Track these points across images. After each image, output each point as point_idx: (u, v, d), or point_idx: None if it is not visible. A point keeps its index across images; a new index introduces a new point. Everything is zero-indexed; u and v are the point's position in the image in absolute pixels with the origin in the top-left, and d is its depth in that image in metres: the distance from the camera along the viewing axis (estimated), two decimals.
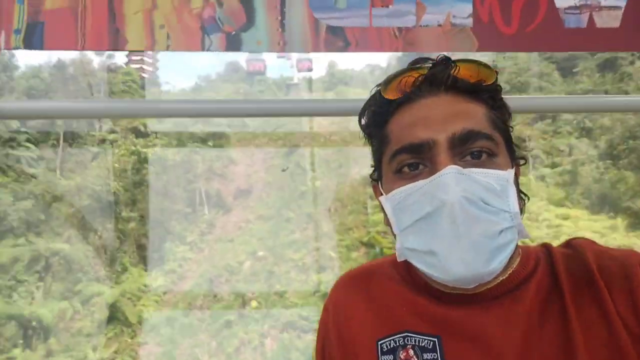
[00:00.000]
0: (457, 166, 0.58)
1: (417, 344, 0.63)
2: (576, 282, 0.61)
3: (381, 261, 0.79)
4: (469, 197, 0.57)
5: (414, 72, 0.64)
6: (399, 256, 0.67)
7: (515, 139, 0.69)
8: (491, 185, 0.59)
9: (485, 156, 0.60)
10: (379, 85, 0.69)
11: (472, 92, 0.63)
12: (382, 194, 0.68)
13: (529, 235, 0.64)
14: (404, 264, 0.73)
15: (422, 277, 0.68)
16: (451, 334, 0.62)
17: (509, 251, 0.59)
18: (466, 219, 0.56)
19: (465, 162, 0.59)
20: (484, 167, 0.60)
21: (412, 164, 0.62)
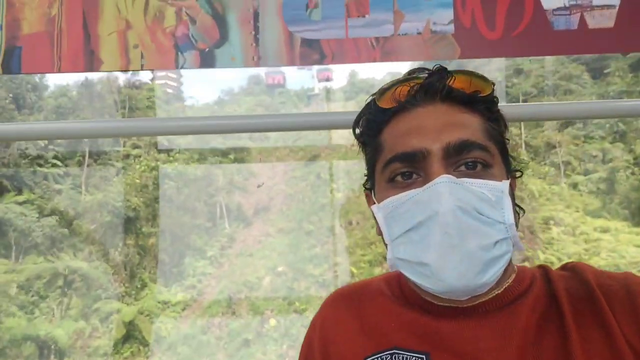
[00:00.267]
0: (451, 176, 0.58)
1: None
2: (576, 301, 0.61)
3: (374, 278, 0.79)
4: (462, 207, 0.56)
5: (410, 82, 0.65)
6: (391, 267, 0.67)
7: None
8: (485, 195, 0.58)
9: (480, 167, 0.60)
10: (374, 94, 0.70)
11: (468, 103, 0.64)
12: (374, 203, 0.68)
13: (523, 247, 0.63)
14: (397, 280, 0.74)
15: (414, 290, 0.68)
16: (442, 348, 0.61)
17: (503, 263, 0.59)
18: (460, 229, 0.56)
19: (459, 172, 0.59)
20: (479, 177, 0.60)
21: (405, 173, 0.62)
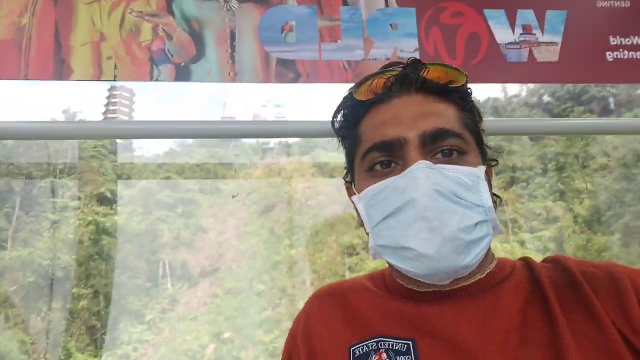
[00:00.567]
0: (428, 162, 0.60)
1: (390, 347, 0.63)
2: (560, 288, 0.63)
3: (358, 277, 0.80)
4: (440, 191, 0.58)
5: (385, 74, 0.68)
6: (373, 255, 0.68)
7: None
8: (462, 180, 0.61)
9: (455, 154, 0.63)
10: (351, 88, 0.72)
11: (442, 93, 0.67)
12: (354, 194, 0.70)
13: (503, 231, 0.66)
14: (381, 276, 0.75)
15: (397, 282, 0.70)
16: (427, 333, 0.62)
17: (484, 245, 0.61)
18: (439, 212, 0.58)
19: (436, 160, 0.62)
20: (455, 164, 0.62)
21: (384, 162, 0.64)
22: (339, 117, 0.76)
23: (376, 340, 0.64)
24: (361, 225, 0.71)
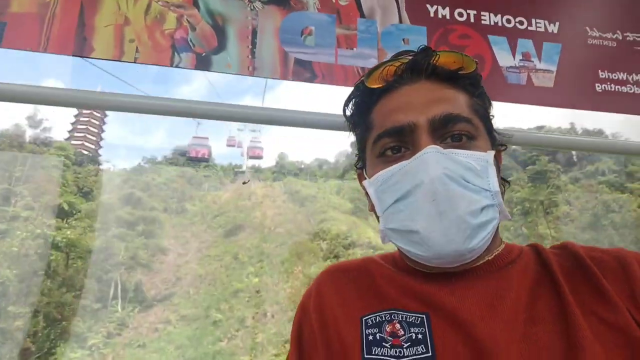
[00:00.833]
0: (438, 146, 0.63)
1: (404, 319, 0.64)
2: (568, 269, 0.65)
3: (367, 256, 0.82)
4: (449, 175, 0.60)
5: (396, 62, 0.71)
6: (382, 238, 0.70)
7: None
8: (471, 164, 0.63)
9: (465, 139, 0.65)
10: (362, 76, 0.75)
11: (452, 79, 0.69)
12: (366, 179, 0.72)
13: (509, 216, 0.68)
14: (391, 255, 0.78)
15: (406, 262, 0.72)
16: (437, 310, 0.63)
17: (490, 229, 0.62)
18: (447, 196, 0.59)
19: (445, 144, 0.64)
20: (464, 149, 0.64)
21: (394, 147, 0.67)
22: (350, 104, 0.78)
23: (389, 312, 0.66)
24: (372, 209, 0.73)
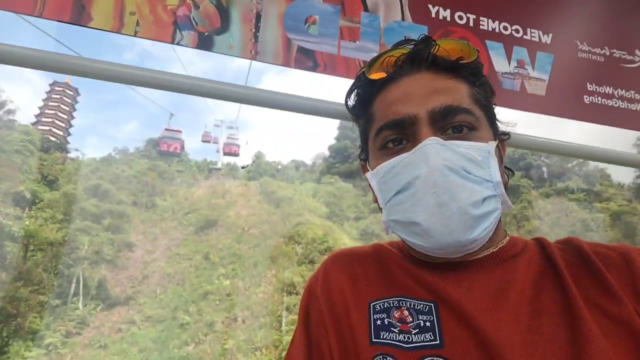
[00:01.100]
0: (438, 138, 0.64)
1: (412, 307, 0.65)
2: (572, 263, 0.66)
3: (374, 243, 0.83)
4: (450, 166, 0.61)
5: (396, 52, 0.72)
6: (386, 229, 0.72)
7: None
8: (472, 155, 0.64)
9: (466, 130, 0.66)
10: (363, 67, 0.76)
11: (453, 69, 0.70)
12: (368, 171, 0.74)
13: (512, 206, 0.70)
14: (396, 244, 0.79)
15: (412, 252, 0.73)
16: (445, 301, 0.64)
17: (492, 220, 0.64)
18: (448, 187, 0.61)
19: (446, 136, 0.66)
20: (465, 140, 0.65)
21: (395, 140, 0.69)
22: (352, 95, 0.79)
23: (397, 298, 0.67)
24: (375, 201, 0.74)
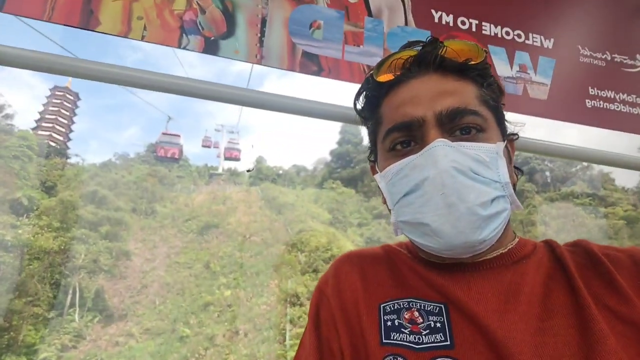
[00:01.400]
0: (446, 139, 0.66)
1: (422, 308, 0.67)
2: (582, 264, 0.68)
3: (386, 244, 0.85)
4: (457, 167, 0.63)
5: (404, 54, 0.74)
6: (395, 231, 0.74)
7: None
8: (480, 157, 0.65)
9: (474, 131, 0.67)
10: (371, 69, 0.79)
11: (461, 71, 0.71)
12: (377, 173, 0.76)
13: (521, 206, 0.71)
14: (405, 245, 0.81)
15: (421, 253, 0.75)
16: (455, 303, 0.66)
17: (501, 220, 0.65)
18: (456, 188, 0.62)
19: (454, 138, 0.67)
20: (473, 141, 0.67)
21: (404, 142, 0.70)
22: (361, 98, 0.81)
23: (408, 300, 0.69)
24: (384, 202, 0.76)
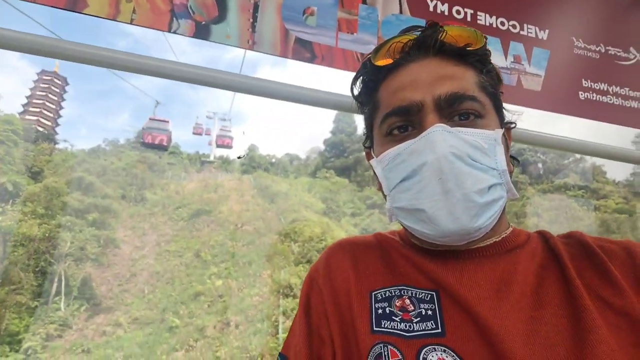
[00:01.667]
0: (445, 125, 0.66)
1: (414, 295, 0.67)
2: (576, 255, 0.68)
3: (377, 232, 0.86)
4: (455, 153, 0.63)
5: (403, 38, 0.74)
6: (390, 217, 0.74)
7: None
8: (478, 143, 0.66)
9: (472, 117, 0.68)
10: (369, 53, 0.78)
11: (460, 56, 0.71)
12: (373, 158, 0.76)
13: (517, 194, 0.72)
14: (397, 234, 0.82)
15: (414, 239, 0.76)
16: (447, 290, 0.66)
17: (497, 208, 0.66)
18: (454, 174, 0.63)
19: (452, 123, 0.68)
20: (472, 127, 0.67)
21: (401, 127, 0.70)
22: (358, 83, 0.80)
23: (399, 287, 0.69)
24: (379, 188, 0.77)
